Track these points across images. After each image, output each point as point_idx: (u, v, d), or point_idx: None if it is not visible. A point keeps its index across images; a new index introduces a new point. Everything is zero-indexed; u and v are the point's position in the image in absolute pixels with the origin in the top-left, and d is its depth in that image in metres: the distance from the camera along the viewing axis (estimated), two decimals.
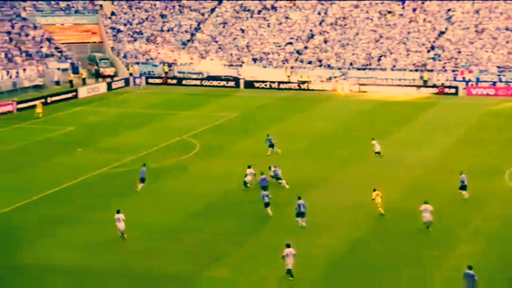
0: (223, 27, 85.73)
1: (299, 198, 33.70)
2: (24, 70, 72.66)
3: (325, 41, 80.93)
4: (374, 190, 35.11)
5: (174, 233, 32.95)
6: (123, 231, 31.87)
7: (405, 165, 44.03)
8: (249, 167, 39.22)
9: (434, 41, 77.83)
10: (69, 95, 69.70)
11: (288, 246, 27.99)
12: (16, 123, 57.76)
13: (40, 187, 39.48)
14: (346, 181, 40.95)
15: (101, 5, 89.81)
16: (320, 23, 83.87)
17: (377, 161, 44.84)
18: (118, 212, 32.24)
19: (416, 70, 74.17)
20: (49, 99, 66.63)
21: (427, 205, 32.85)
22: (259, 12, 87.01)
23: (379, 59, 76.64)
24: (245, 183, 38.73)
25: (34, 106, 61.50)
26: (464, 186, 37.13)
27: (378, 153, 45.35)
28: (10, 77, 70.92)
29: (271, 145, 45.97)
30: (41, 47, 78.77)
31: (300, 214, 33.09)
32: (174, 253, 30.71)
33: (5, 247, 31.33)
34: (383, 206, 34.60)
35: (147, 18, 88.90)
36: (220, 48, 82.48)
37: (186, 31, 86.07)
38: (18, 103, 63.70)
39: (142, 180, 38.62)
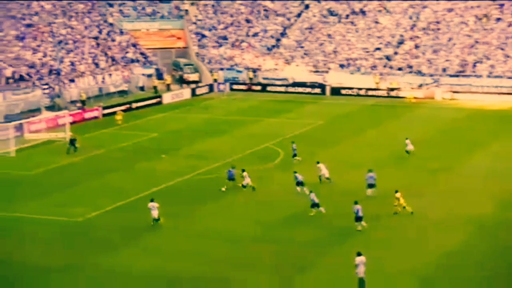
0: (310, 32, 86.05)
1: (356, 202, 34.33)
2: (110, 75, 75.27)
3: (416, 47, 79.94)
4: (396, 191, 35.96)
5: (256, 242, 33.41)
6: (156, 218, 34.82)
7: (501, 177, 42.99)
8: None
9: None
10: (154, 101, 71.67)
11: (359, 254, 28.16)
12: (102, 129, 59.87)
13: (124, 193, 40.78)
14: (438, 192, 40.46)
15: (186, 10, 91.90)
16: (412, 28, 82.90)
17: (470, 172, 44.08)
18: (152, 200, 35.35)
19: None
20: (133, 105, 68.78)
21: None
22: (347, 16, 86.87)
23: (474, 66, 75.03)
24: (243, 186, 40.41)
25: (123, 111, 63.66)
26: None
27: (408, 152, 47.30)
28: (96, 82, 73.59)
29: (294, 155, 46.76)
30: (127, 52, 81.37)
31: (358, 219, 34.03)
32: (256, 263, 31.12)
33: (88, 253, 32.57)
34: (407, 204, 35.77)
35: (232, 23, 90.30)
36: (306, 53, 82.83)
37: (272, 36, 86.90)
38: (104, 108, 66.04)
39: (231, 179, 40.88)
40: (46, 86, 68.00)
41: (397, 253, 31.89)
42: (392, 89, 74.29)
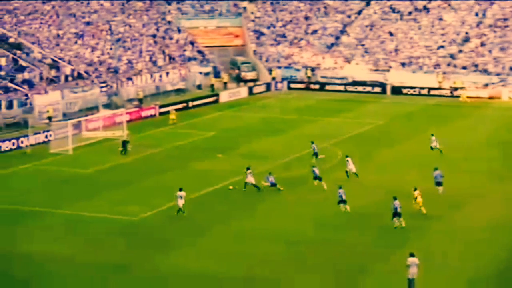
0: (370, 29, 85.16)
1: (395, 198, 34.42)
2: (167, 73, 76.09)
3: (482, 44, 78.23)
4: (415, 189, 36.06)
5: (309, 243, 33.24)
6: (181, 208, 36.33)
7: None
8: (248, 168, 41.26)
9: None
10: (211, 99, 72.10)
11: (412, 255, 27.82)
12: (159, 127, 60.48)
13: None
14: (502, 196, 39.51)
15: (245, 8, 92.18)
16: (477, 25, 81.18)
17: None
18: (180, 190, 36.66)
19: None
20: (190, 103, 69.36)
21: None
22: (409, 13, 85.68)
23: None
24: (258, 186, 40.76)
25: (176, 110, 64.19)
26: None
27: (438, 149, 47.57)
28: (154, 80, 74.48)
29: (315, 154, 47.03)
30: (184, 50, 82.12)
31: (397, 215, 34.25)
32: (308, 264, 30.96)
33: (142, 253, 32.88)
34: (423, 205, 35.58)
35: (291, 21, 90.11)
36: (366, 51, 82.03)
37: (331, 34, 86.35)
38: (160, 107, 66.75)
39: (272, 185, 40.75)
40: (104, 84, 69.19)
41: (456, 255, 31.37)
42: (456, 89, 72.89)
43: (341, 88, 77.49)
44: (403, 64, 78.60)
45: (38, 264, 31.34)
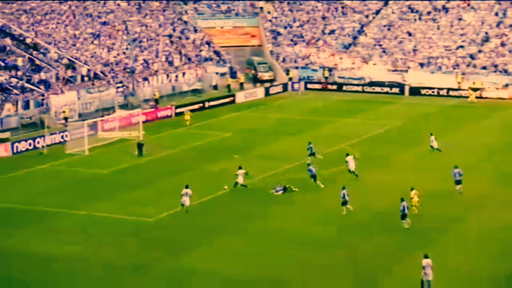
0: (388, 29, 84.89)
1: (402, 200, 34.74)
2: (184, 74, 76.27)
3: (503, 44, 77.72)
4: (412, 189, 36.40)
5: (327, 246, 33.24)
6: (187, 206, 37.22)
7: None
8: (240, 168, 42.02)
9: None
10: (227, 100, 72.19)
11: (426, 256, 27.81)
12: (175, 128, 60.65)
13: (196, 193, 40.95)
14: None
15: (261, 8, 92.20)
16: (498, 25, 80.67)
17: None
18: (186, 187, 37.80)
19: None
20: (206, 104, 69.47)
21: None
22: (428, 13, 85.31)
23: None
24: (242, 185, 41.52)
25: (192, 111, 64.32)
26: None
27: (433, 148, 48.15)
28: (170, 81, 74.70)
29: (312, 154, 47.53)
30: (201, 50, 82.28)
31: (403, 216, 34.71)
32: (326, 265, 30.97)
33: (158, 254, 32.98)
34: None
35: (308, 21, 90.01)
36: (384, 52, 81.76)
37: (349, 34, 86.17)
38: (177, 107, 66.93)
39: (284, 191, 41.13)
40: (120, 85, 69.48)
41: (473, 256, 31.34)
42: (475, 89, 72.45)
43: (359, 88, 77.31)
44: (421, 65, 78.27)
45: (53, 265, 31.53)
